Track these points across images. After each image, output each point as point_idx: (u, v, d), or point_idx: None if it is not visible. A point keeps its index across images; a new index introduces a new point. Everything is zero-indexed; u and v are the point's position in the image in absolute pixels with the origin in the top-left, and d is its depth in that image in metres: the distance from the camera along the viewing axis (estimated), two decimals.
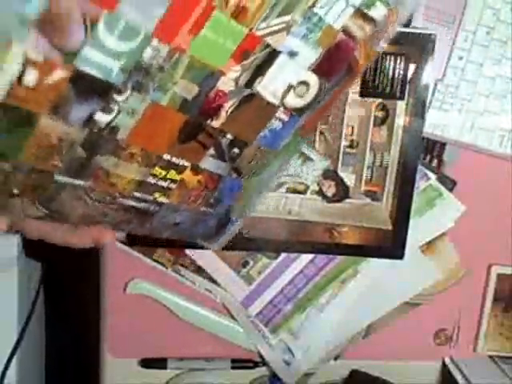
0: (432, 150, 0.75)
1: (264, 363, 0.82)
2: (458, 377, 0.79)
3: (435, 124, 0.72)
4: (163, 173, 0.46)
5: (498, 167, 0.76)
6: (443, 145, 0.75)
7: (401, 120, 0.70)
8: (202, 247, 0.57)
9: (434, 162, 0.75)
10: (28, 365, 0.92)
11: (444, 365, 0.83)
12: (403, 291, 0.79)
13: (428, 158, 0.75)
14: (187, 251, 0.75)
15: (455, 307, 0.82)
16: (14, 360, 0.80)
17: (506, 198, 0.77)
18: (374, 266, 0.77)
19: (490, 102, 0.72)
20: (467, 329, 0.83)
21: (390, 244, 0.73)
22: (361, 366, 0.83)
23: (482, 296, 0.82)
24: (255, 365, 0.82)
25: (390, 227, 0.73)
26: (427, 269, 0.78)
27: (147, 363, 0.81)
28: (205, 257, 0.76)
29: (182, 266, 0.77)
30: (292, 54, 0.43)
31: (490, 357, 0.84)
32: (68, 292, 1.16)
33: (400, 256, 0.74)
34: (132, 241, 0.74)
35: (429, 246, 0.77)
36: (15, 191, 0.41)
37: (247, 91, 0.44)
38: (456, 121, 0.72)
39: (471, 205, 0.76)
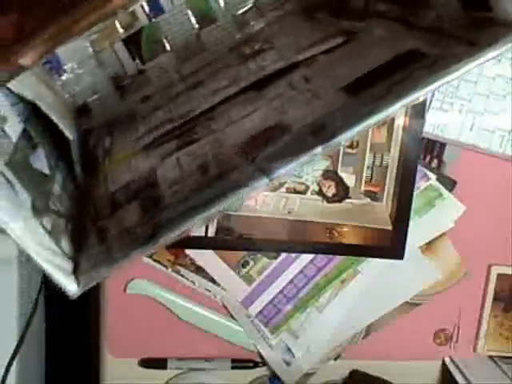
0: (432, 150, 0.75)
1: (264, 363, 0.82)
2: (458, 377, 0.79)
3: (435, 124, 0.72)
4: None
5: (498, 167, 0.76)
6: (443, 145, 0.75)
7: (400, 120, 0.70)
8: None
9: (434, 162, 0.75)
10: (28, 366, 0.92)
11: (444, 365, 0.83)
12: (403, 291, 0.79)
13: (428, 158, 0.75)
14: (187, 251, 0.75)
15: (455, 307, 0.82)
16: (15, 361, 0.80)
17: (506, 198, 0.77)
18: (374, 266, 0.77)
19: (490, 102, 0.72)
20: (467, 329, 0.83)
21: (390, 244, 0.73)
22: (361, 366, 0.83)
23: (481, 296, 0.82)
24: (255, 365, 0.82)
25: (390, 227, 0.73)
26: (427, 269, 0.78)
27: (147, 363, 0.81)
28: (205, 257, 0.76)
29: (182, 265, 0.77)
30: None
31: (490, 357, 0.83)
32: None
33: (400, 256, 0.74)
34: None
35: (429, 246, 0.77)
36: None
37: None
38: (456, 121, 0.73)
39: (471, 205, 0.76)
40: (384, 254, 0.74)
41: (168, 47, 0.67)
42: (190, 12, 0.66)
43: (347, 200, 0.72)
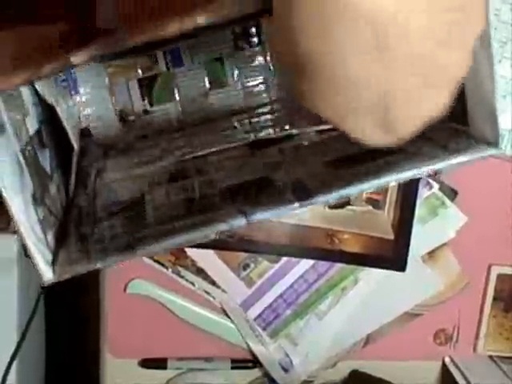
0: None
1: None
2: (458, 377, 0.79)
3: None
4: None
5: (498, 169, 0.76)
6: None
7: None
8: None
9: None
10: (29, 366, 0.92)
11: (444, 365, 0.83)
12: (405, 301, 0.79)
13: None
14: (188, 252, 0.75)
15: (455, 307, 0.82)
16: (15, 361, 0.80)
17: (506, 198, 0.77)
18: (375, 274, 0.77)
19: None
20: (467, 329, 0.83)
21: (391, 255, 0.73)
22: (361, 366, 0.83)
23: (481, 296, 0.82)
24: (255, 365, 0.82)
25: (391, 237, 0.73)
26: (429, 279, 0.78)
27: (147, 363, 0.81)
28: (206, 258, 0.76)
29: (183, 266, 0.77)
30: None
31: (490, 357, 0.83)
32: (68, 292, 1.15)
33: (402, 268, 0.74)
34: None
35: (430, 256, 0.77)
36: None
37: None
38: None
39: (471, 206, 0.76)
40: (385, 264, 0.74)
41: (177, 97, 0.73)
42: (205, 72, 0.72)
43: (349, 207, 0.72)
